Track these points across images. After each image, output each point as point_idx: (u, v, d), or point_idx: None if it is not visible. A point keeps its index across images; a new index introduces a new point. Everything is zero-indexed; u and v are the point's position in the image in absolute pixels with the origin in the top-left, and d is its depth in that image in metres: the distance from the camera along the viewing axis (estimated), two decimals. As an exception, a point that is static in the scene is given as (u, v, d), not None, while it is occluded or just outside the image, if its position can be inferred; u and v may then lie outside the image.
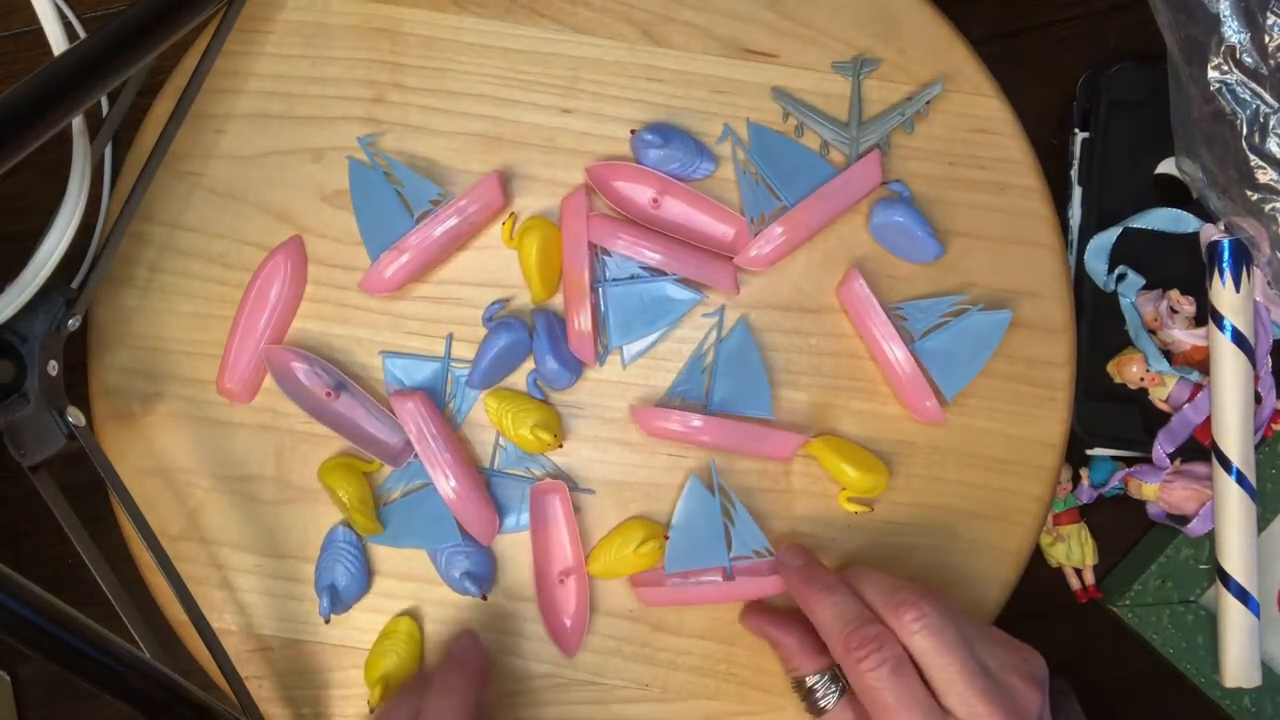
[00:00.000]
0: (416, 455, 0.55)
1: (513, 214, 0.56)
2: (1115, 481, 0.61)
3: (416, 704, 0.50)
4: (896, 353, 0.55)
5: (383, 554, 0.57)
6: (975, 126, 0.57)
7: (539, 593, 0.56)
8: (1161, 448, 0.60)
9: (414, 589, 0.57)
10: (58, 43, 0.49)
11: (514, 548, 0.57)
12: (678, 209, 0.56)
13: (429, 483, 0.55)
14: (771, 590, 0.55)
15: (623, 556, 0.55)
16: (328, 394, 0.56)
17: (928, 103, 0.56)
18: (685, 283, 0.56)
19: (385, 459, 0.55)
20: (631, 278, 0.56)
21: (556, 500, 0.56)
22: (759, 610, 0.55)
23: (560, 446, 0.56)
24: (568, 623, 0.56)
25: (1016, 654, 0.48)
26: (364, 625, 0.57)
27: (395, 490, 0.56)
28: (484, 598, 0.56)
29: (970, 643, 0.47)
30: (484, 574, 0.56)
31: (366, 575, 0.56)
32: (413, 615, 0.57)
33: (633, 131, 0.56)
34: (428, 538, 0.56)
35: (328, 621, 0.56)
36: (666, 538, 0.55)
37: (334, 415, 0.56)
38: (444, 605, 0.56)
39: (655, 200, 0.56)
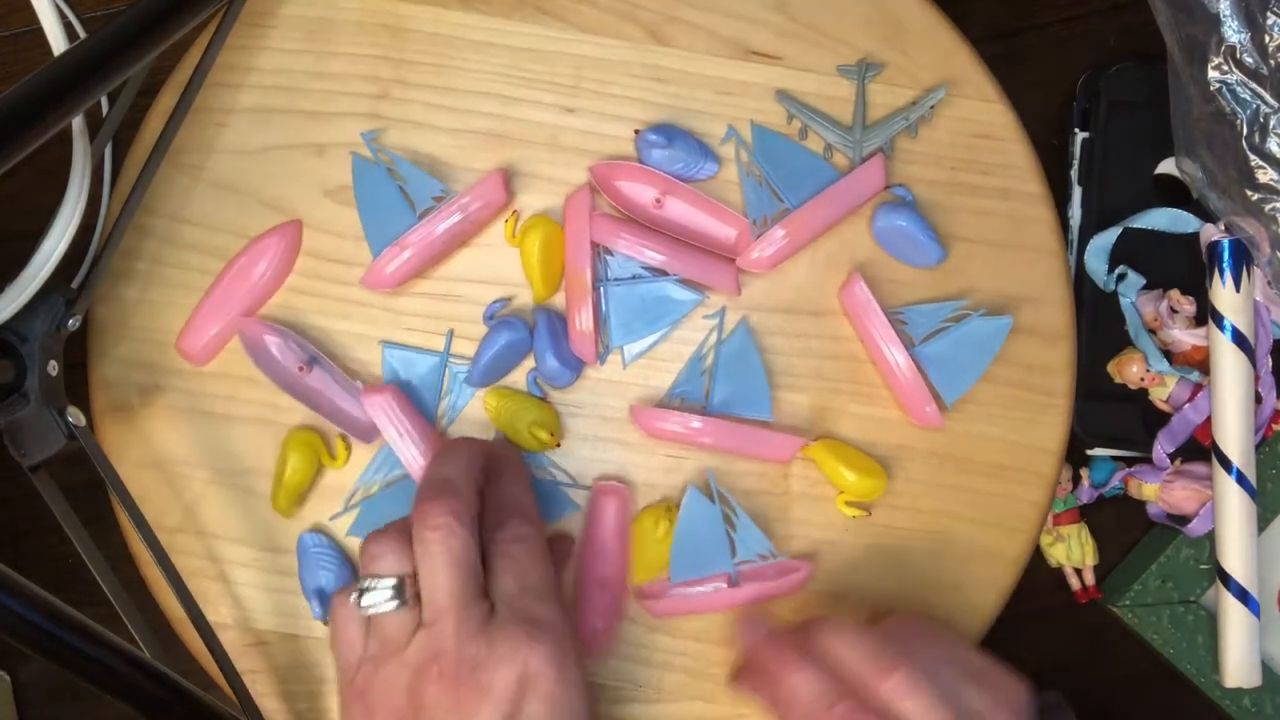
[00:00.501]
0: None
1: (515, 212, 0.56)
2: (1115, 481, 0.61)
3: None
4: (897, 357, 0.55)
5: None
6: (979, 132, 0.57)
7: (578, 591, 0.56)
8: (1161, 448, 0.60)
9: (410, 583, 0.57)
10: (58, 43, 0.49)
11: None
12: (680, 209, 0.56)
13: (407, 474, 0.55)
14: (779, 592, 0.55)
15: (650, 552, 0.56)
16: (300, 368, 0.56)
17: (932, 107, 0.56)
18: (687, 283, 0.56)
19: (357, 435, 0.56)
20: (633, 278, 0.56)
21: (613, 503, 0.56)
22: (751, 673, 0.54)
23: (558, 446, 0.56)
24: (600, 626, 0.56)
25: (998, 687, 0.48)
26: (362, 621, 0.57)
27: (375, 483, 0.56)
28: None
29: (954, 690, 0.46)
30: None
31: (351, 572, 0.56)
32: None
33: (636, 131, 0.56)
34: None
35: (326, 623, 0.56)
36: (669, 508, 0.56)
37: (306, 390, 0.56)
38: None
39: (658, 200, 0.56)
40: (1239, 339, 0.57)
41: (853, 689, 0.47)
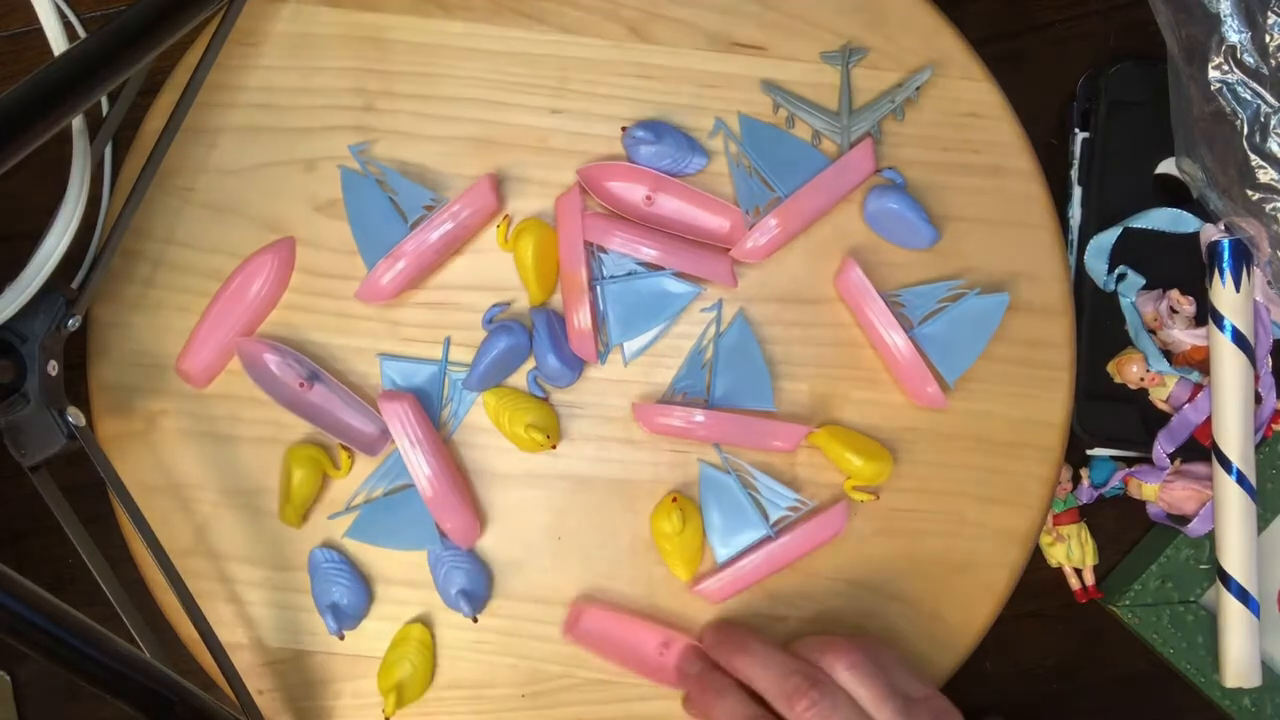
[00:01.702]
0: (397, 450, 0.55)
1: (507, 216, 0.57)
2: (1115, 481, 0.61)
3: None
4: (896, 340, 0.55)
5: (393, 562, 0.57)
6: (966, 111, 0.57)
7: (649, 674, 0.56)
8: (1161, 448, 0.59)
9: (425, 595, 0.57)
10: (58, 43, 0.49)
11: (518, 551, 0.57)
12: (672, 205, 0.56)
13: (412, 484, 0.55)
14: (824, 537, 0.56)
15: (678, 548, 0.56)
16: (301, 384, 0.56)
17: (917, 89, 0.57)
18: (683, 276, 0.56)
19: (362, 448, 0.56)
20: (629, 274, 0.56)
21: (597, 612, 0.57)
22: (692, 703, 0.55)
23: (554, 447, 0.56)
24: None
25: (937, 713, 0.50)
26: (375, 634, 0.57)
27: (379, 488, 0.56)
28: (474, 619, 0.56)
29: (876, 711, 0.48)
30: (479, 593, 0.56)
31: (364, 586, 0.56)
32: (424, 622, 0.57)
33: (624, 129, 0.56)
34: (406, 539, 0.56)
35: (341, 638, 0.56)
36: (674, 499, 0.55)
37: (308, 406, 0.56)
38: (456, 611, 0.56)
39: (649, 198, 0.56)
40: (1239, 339, 0.57)
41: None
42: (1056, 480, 0.57)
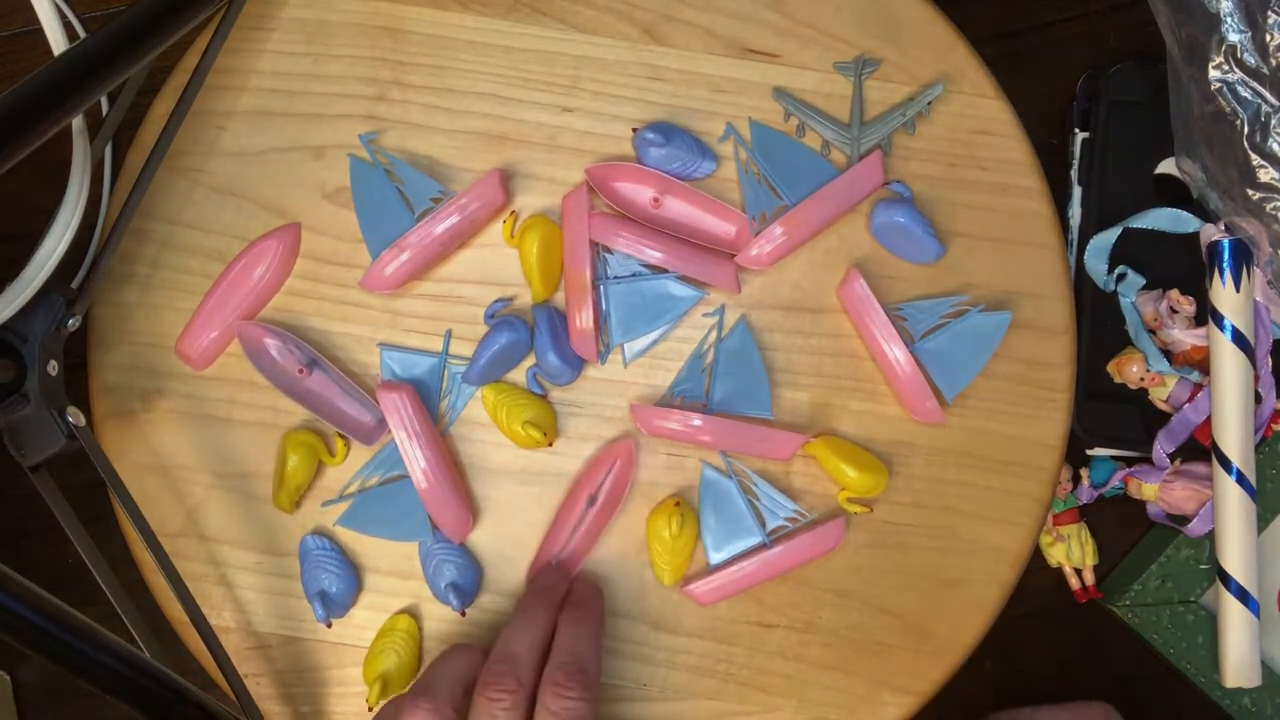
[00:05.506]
0: (394, 440, 0.55)
1: (514, 212, 0.57)
2: (1115, 481, 0.61)
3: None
4: (897, 353, 0.55)
5: (384, 552, 0.57)
6: (976, 128, 0.57)
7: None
8: (1161, 448, 0.59)
9: (414, 587, 0.57)
10: (58, 43, 0.48)
11: (509, 547, 0.57)
12: (679, 208, 0.56)
13: (407, 475, 0.55)
14: (819, 550, 0.55)
15: (669, 551, 0.56)
16: (300, 370, 0.56)
17: (929, 103, 0.56)
18: (686, 280, 0.56)
19: (358, 437, 0.56)
20: (633, 275, 0.56)
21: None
22: None
23: (550, 445, 0.56)
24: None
25: None
26: (363, 623, 0.57)
27: (373, 478, 0.56)
28: (463, 613, 0.56)
29: None
30: (469, 588, 0.56)
31: (354, 575, 0.56)
32: (412, 613, 0.57)
33: (634, 130, 0.56)
34: (398, 530, 0.56)
35: (329, 626, 0.56)
36: (677, 504, 0.55)
37: (307, 392, 0.56)
38: (443, 604, 0.56)
39: (656, 200, 0.56)
40: (1239, 339, 0.57)
41: None
42: (1051, 501, 0.57)
